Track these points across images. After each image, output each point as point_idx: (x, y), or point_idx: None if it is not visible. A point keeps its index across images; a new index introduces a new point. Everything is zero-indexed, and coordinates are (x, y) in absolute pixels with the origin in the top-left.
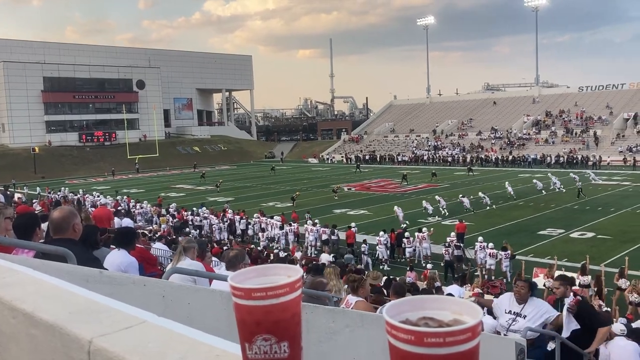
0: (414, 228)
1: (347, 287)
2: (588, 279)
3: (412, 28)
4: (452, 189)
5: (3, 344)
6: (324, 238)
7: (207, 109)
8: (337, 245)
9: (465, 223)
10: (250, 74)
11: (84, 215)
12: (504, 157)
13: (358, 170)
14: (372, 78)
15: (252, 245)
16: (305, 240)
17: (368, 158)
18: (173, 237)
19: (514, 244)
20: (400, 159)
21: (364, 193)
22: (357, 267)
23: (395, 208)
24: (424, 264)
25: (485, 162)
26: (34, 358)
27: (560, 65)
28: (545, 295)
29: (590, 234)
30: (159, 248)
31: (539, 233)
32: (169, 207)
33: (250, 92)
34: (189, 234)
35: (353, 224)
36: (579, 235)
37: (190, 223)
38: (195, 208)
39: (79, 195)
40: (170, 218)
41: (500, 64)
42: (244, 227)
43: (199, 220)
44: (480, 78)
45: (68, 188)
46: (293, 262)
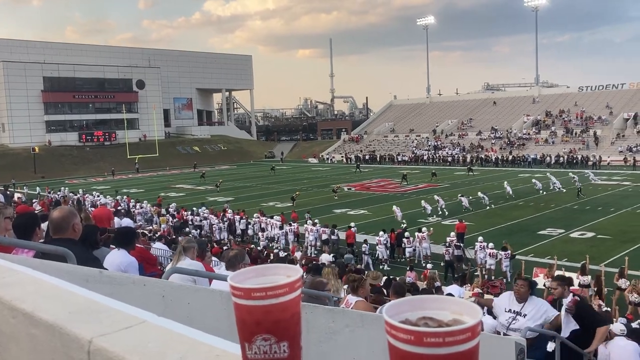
0: (414, 228)
1: (347, 287)
2: (588, 279)
3: (412, 28)
4: (452, 189)
5: (3, 344)
6: (324, 238)
7: (207, 109)
8: (337, 245)
9: (465, 223)
10: (250, 74)
11: (84, 215)
12: (504, 157)
13: (358, 170)
14: (372, 78)
15: (251, 245)
16: (305, 240)
17: (368, 158)
18: (173, 237)
19: (514, 244)
20: (400, 159)
21: (364, 193)
22: (357, 267)
23: (394, 208)
24: (424, 264)
25: (485, 162)
26: (34, 358)
27: (560, 65)
28: (545, 295)
29: (590, 234)
30: (159, 248)
31: (539, 233)
32: (169, 207)
33: (250, 92)
34: (189, 234)
35: (352, 224)
36: (579, 235)
37: (190, 223)
38: (195, 208)
39: (79, 195)
40: (170, 218)
41: (500, 64)
42: (244, 227)
43: (199, 220)
44: (480, 78)
45: (68, 188)
46: (293, 262)
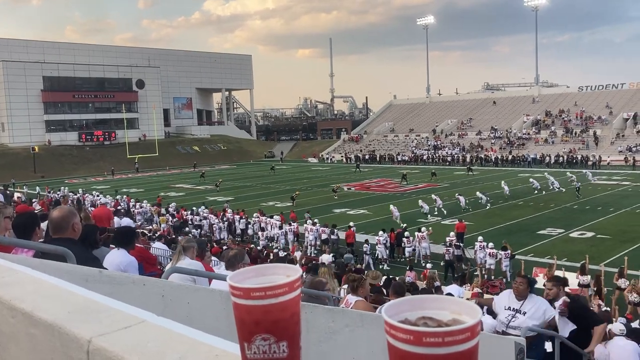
0: (414, 228)
1: (347, 286)
2: (587, 279)
3: (412, 27)
4: (451, 189)
5: (2, 344)
6: (324, 237)
7: (206, 109)
8: (336, 245)
9: (465, 223)
10: (250, 74)
11: (84, 215)
12: (504, 156)
13: (358, 170)
14: (371, 78)
15: (251, 245)
16: (305, 240)
17: (368, 158)
18: (172, 236)
19: (514, 244)
20: (400, 159)
21: (364, 193)
22: (357, 266)
23: (391, 207)
24: (424, 264)
25: (485, 161)
26: (34, 357)
27: (560, 65)
28: (545, 296)
29: (590, 234)
30: (159, 247)
31: (539, 233)
32: (169, 206)
33: (250, 91)
34: (189, 234)
35: (351, 224)
36: (579, 235)
37: (190, 223)
38: (195, 208)
39: (79, 195)
40: (170, 217)
41: (500, 64)
42: (244, 226)
43: (199, 220)
44: (480, 78)
45: (68, 187)
46: (292, 261)
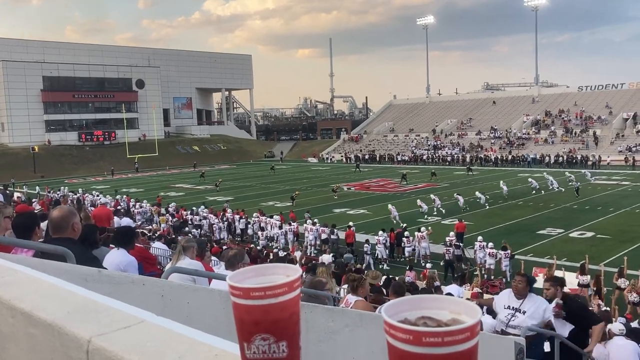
0: (413, 228)
1: (346, 286)
2: (587, 279)
3: (411, 27)
4: (451, 189)
5: (2, 344)
6: (324, 237)
7: (206, 109)
8: (336, 245)
9: (465, 223)
10: (250, 74)
11: (84, 215)
12: (504, 156)
13: (358, 170)
14: (371, 77)
15: (251, 245)
16: (305, 240)
17: (367, 157)
18: (172, 236)
19: (514, 244)
20: (400, 159)
21: (364, 192)
22: (356, 266)
23: (390, 207)
24: (423, 264)
25: (485, 161)
26: (33, 357)
27: (560, 65)
28: (544, 295)
29: (590, 234)
30: (159, 247)
31: (539, 232)
32: (168, 206)
33: (250, 91)
34: (189, 234)
35: (351, 223)
36: (579, 235)
37: (190, 223)
38: (195, 208)
39: (79, 195)
40: (170, 217)
41: (500, 64)
42: (243, 226)
43: (199, 220)
44: (480, 77)
45: (67, 187)
46: (292, 261)
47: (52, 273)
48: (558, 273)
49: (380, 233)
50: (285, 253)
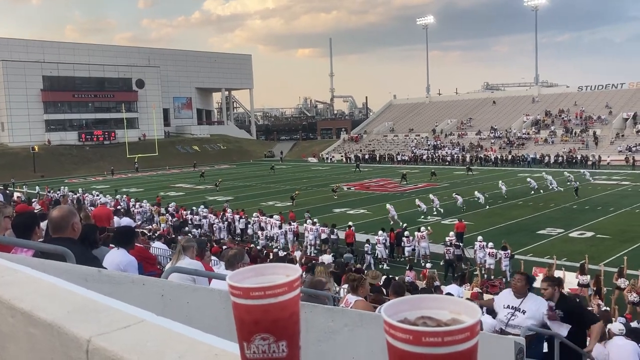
0: (413, 227)
1: (347, 286)
2: (587, 279)
3: (411, 27)
4: (451, 189)
5: (2, 343)
6: (323, 237)
7: (206, 108)
8: (336, 245)
9: (465, 222)
10: (250, 73)
11: (84, 215)
12: (503, 156)
13: (357, 170)
14: (371, 77)
15: (251, 245)
16: (305, 240)
17: (367, 157)
18: (172, 236)
19: (513, 244)
20: (400, 159)
21: (364, 192)
22: (356, 266)
23: (388, 206)
24: (423, 264)
25: (485, 161)
26: (33, 357)
27: (560, 65)
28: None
29: (590, 234)
30: (158, 247)
31: (539, 232)
32: (168, 206)
33: (250, 91)
34: (189, 233)
35: (350, 223)
36: (578, 235)
37: (190, 222)
38: (195, 207)
39: (79, 195)
40: (170, 217)
41: (500, 64)
42: (243, 226)
43: (199, 220)
44: (480, 77)
45: (67, 187)
46: (292, 261)
47: (52, 273)
48: (558, 273)
49: (380, 233)
50: (285, 253)
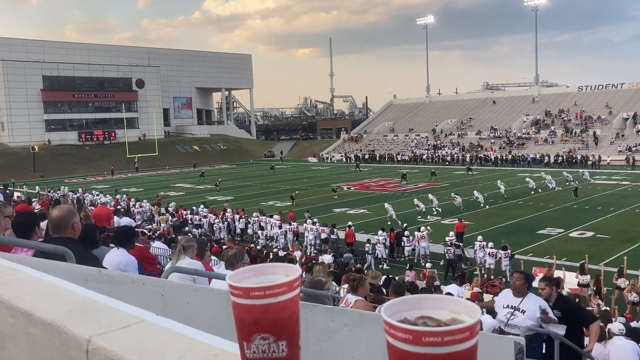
0: (414, 227)
1: (347, 286)
2: (587, 278)
3: (411, 27)
4: (451, 188)
5: (2, 343)
6: (323, 237)
7: (206, 108)
8: (336, 245)
9: (465, 222)
10: (250, 73)
11: (84, 214)
12: (503, 156)
13: (357, 170)
14: (371, 77)
15: (251, 245)
16: (305, 239)
17: (367, 157)
18: (172, 236)
19: (513, 243)
20: (400, 158)
21: (364, 192)
22: (356, 266)
23: (387, 205)
24: (423, 263)
25: (485, 161)
26: (33, 357)
27: (560, 65)
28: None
29: (590, 234)
30: (158, 247)
31: (539, 232)
32: (168, 206)
33: (250, 91)
34: (189, 233)
35: (350, 223)
36: (578, 235)
37: (190, 222)
38: (195, 207)
39: (79, 194)
40: (170, 217)
41: (500, 63)
42: (243, 226)
43: (198, 219)
44: (480, 77)
45: (67, 187)
46: (292, 261)
47: (52, 272)
48: (558, 273)
49: (380, 233)
50: (285, 253)
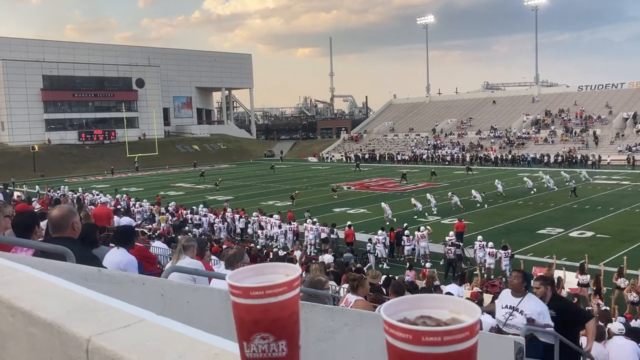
0: (414, 227)
1: (347, 285)
2: (587, 278)
3: (411, 27)
4: (451, 188)
5: (1, 343)
6: (323, 237)
7: (206, 108)
8: (336, 244)
9: (465, 222)
10: (250, 73)
11: (84, 214)
12: (503, 156)
13: (357, 169)
14: (371, 77)
15: (251, 244)
16: (305, 239)
17: (368, 157)
18: (172, 235)
19: (513, 243)
20: (400, 158)
21: (364, 192)
22: (356, 266)
23: (383, 205)
24: (423, 263)
25: (485, 161)
26: (33, 357)
27: (560, 65)
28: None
29: (590, 233)
30: (158, 246)
31: (538, 232)
32: (168, 205)
33: (250, 90)
34: (189, 233)
35: (349, 223)
36: (578, 235)
37: (190, 222)
38: (195, 207)
39: (79, 194)
40: (170, 217)
41: (500, 63)
42: (243, 225)
43: (198, 219)
44: (480, 77)
45: (67, 186)
46: (292, 260)
47: (52, 272)
48: (558, 272)
49: (380, 232)
50: (285, 252)
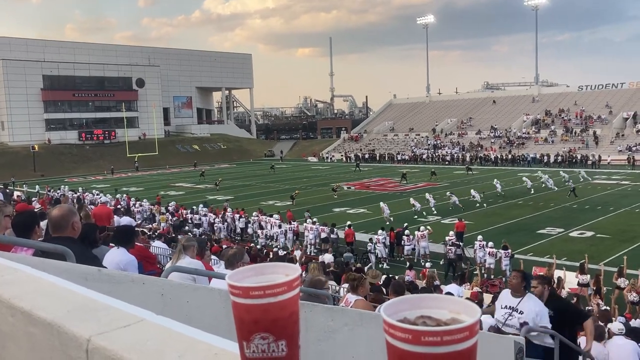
0: (414, 227)
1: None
2: (587, 278)
3: (411, 27)
4: (451, 188)
5: (1, 343)
6: (323, 236)
7: (206, 108)
8: (336, 244)
9: (465, 222)
10: (250, 73)
11: (84, 214)
12: (504, 156)
13: (357, 169)
14: (371, 77)
15: (251, 244)
16: (305, 239)
17: (368, 157)
18: (172, 235)
19: (513, 243)
20: (400, 158)
21: (364, 192)
22: (356, 265)
23: (382, 205)
24: (423, 263)
25: (485, 161)
26: (33, 356)
27: (560, 64)
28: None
29: (590, 233)
30: (158, 246)
31: (538, 232)
32: (168, 205)
33: (250, 90)
34: (189, 233)
35: (349, 222)
36: (578, 234)
37: (190, 222)
38: (195, 207)
39: (79, 194)
40: (170, 216)
41: (500, 63)
42: (243, 225)
43: (198, 219)
44: (480, 77)
45: (67, 186)
46: (292, 260)
47: (51, 272)
48: (558, 272)
49: (380, 232)
50: (285, 252)
